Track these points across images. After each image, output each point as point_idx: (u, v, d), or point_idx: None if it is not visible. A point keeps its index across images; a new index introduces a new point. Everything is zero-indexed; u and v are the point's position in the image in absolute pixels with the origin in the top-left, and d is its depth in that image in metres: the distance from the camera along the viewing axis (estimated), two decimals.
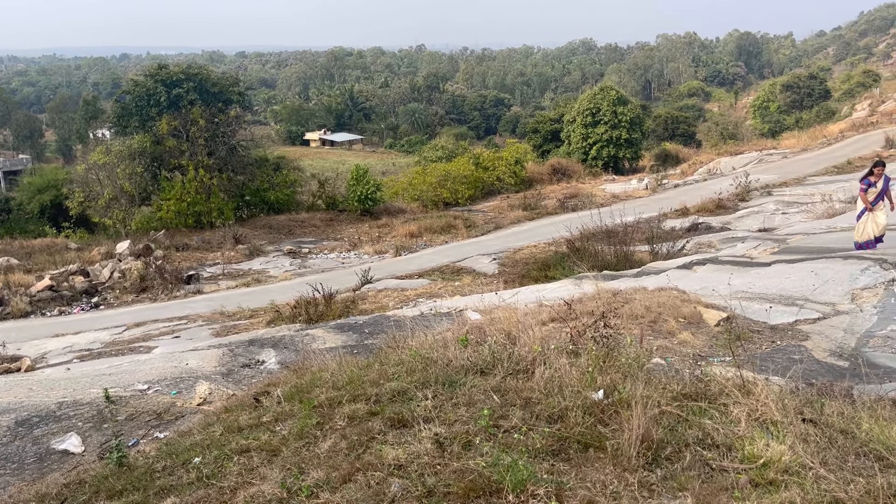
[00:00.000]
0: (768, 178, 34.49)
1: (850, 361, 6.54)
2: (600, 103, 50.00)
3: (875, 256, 11.70)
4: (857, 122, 52.58)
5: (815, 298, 9.35)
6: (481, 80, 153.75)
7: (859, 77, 79.85)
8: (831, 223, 18.10)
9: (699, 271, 13.34)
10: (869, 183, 12.66)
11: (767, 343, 7.28)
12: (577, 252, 19.23)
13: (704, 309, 8.24)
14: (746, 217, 26.50)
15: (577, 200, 37.18)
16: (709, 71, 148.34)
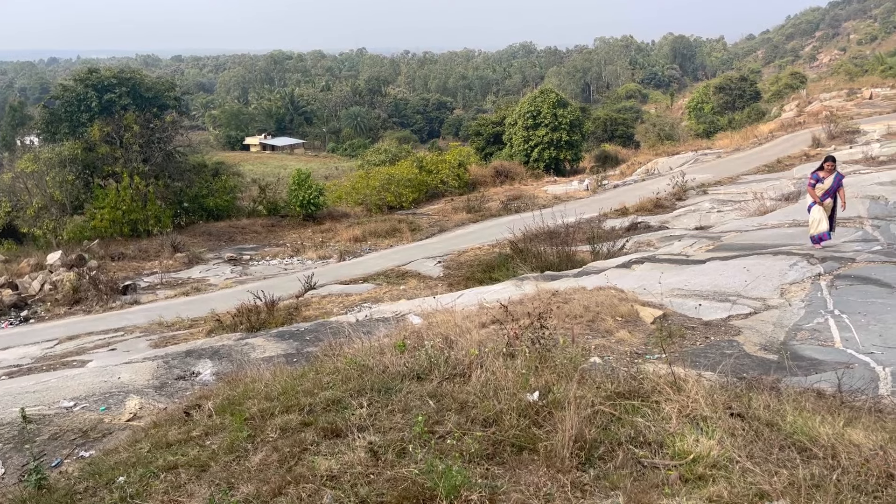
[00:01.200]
0: (704, 177, 35.40)
1: (779, 355, 6.73)
2: (541, 106, 50.57)
3: (802, 252, 12.11)
4: (786, 122, 54.48)
5: (747, 294, 9.61)
6: (423, 84, 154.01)
7: (787, 79, 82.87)
8: (763, 220, 18.67)
9: (637, 270, 13.57)
10: (817, 178, 12.33)
11: (702, 339, 7.44)
12: (520, 253, 19.38)
13: (641, 307, 8.37)
14: (683, 215, 27.08)
15: (520, 202, 37.51)
16: (645, 73, 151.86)
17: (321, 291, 21.36)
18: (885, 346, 6.88)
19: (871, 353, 6.63)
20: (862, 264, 10.67)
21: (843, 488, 3.14)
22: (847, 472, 3.28)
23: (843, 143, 37.95)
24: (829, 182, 12.15)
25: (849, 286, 9.47)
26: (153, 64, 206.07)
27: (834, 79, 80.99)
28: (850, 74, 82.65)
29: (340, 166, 77.61)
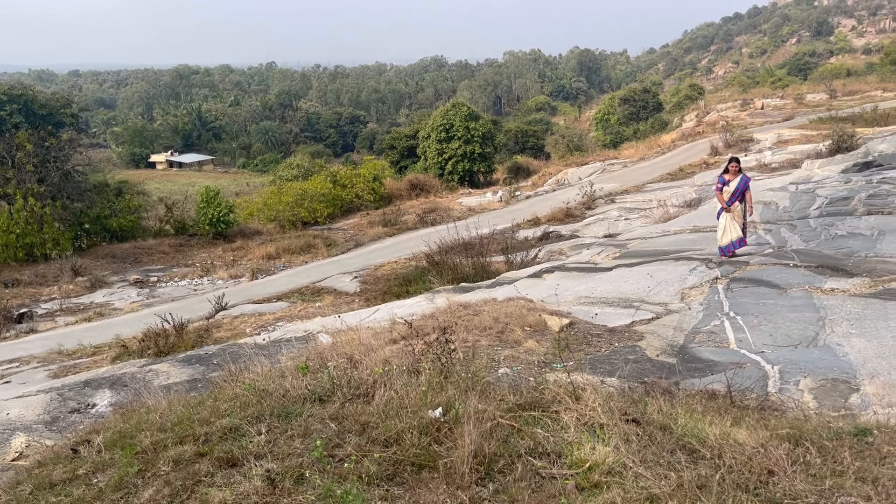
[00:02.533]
0: (611, 186, 36.54)
1: (678, 358, 6.98)
2: (453, 119, 51.12)
3: (701, 257, 12.62)
4: (686, 131, 57.00)
5: (650, 299, 9.94)
6: (336, 98, 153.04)
7: (686, 90, 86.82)
8: (666, 227, 19.38)
9: (548, 279, 13.83)
10: (723, 181, 11.95)
11: (606, 345, 7.63)
12: (436, 266, 19.44)
13: (549, 316, 8.53)
14: (593, 224, 27.83)
15: (436, 214, 37.71)
16: (554, 86, 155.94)
17: (233, 312, 20.80)
18: (774, 345, 7.24)
19: (762, 353, 6.96)
20: (755, 267, 11.19)
21: (726, 487, 3.27)
22: (731, 470, 3.42)
23: (739, 152, 39.95)
24: (735, 184, 11.80)
25: (743, 288, 9.93)
26: (48, 79, 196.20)
27: (729, 90, 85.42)
28: (743, 86, 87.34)
29: (252, 182, 75.99)
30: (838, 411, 5.18)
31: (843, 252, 11.78)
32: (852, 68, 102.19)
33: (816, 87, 72.93)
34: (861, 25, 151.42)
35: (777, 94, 71.86)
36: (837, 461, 3.47)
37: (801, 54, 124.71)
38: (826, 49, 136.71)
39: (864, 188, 17.90)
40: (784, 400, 5.43)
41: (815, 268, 10.67)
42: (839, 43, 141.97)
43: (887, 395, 5.45)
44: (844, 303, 8.53)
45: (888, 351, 6.53)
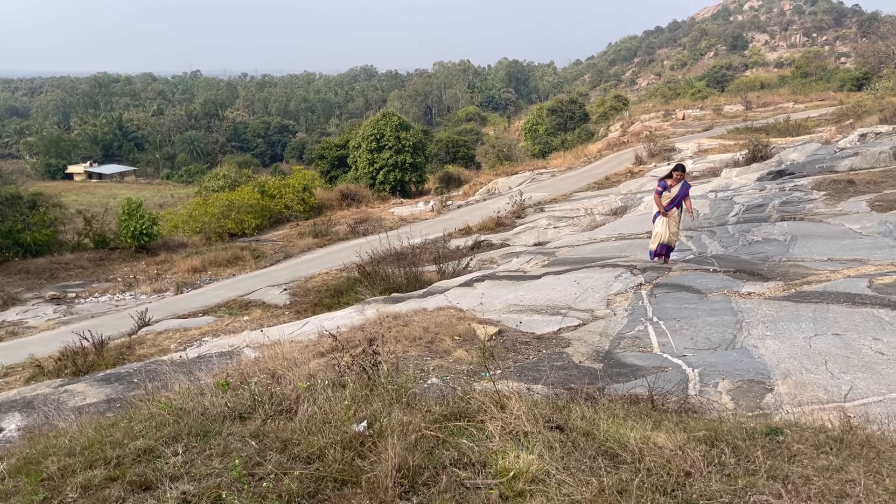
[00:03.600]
0: (540, 195, 37.13)
1: (604, 363, 7.10)
2: (384, 129, 51.04)
3: (626, 263, 12.91)
4: (612, 141, 58.54)
5: (577, 306, 10.10)
6: (264, 107, 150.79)
7: (611, 101, 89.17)
8: (593, 234, 19.78)
9: (479, 287, 13.88)
10: (665, 185, 11.96)
11: (534, 353, 7.70)
12: (368, 276, 19.29)
13: (478, 325, 8.56)
14: (523, 233, 28.18)
15: (368, 225, 37.52)
16: (483, 97, 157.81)
17: (157, 328, 20.15)
18: (695, 349, 7.46)
19: (684, 356, 7.16)
20: (677, 273, 11.51)
21: (645, 490, 3.33)
22: (651, 474, 3.48)
23: (662, 161, 41.30)
24: (676, 190, 11.82)
25: (666, 294, 10.19)
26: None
27: (652, 101, 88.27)
28: (665, 97, 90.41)
29: (176, 194, 73.96)
30: (753, 411, 5.37)
31: (759, 257, 12.25)
32: (766, 81, 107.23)
33: (733, 99, 76.16)
34: (773, 40, 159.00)
35: (697, 105, 74.70)
36: (751, 461, 3.58)
37: (719, 67, 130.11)
38: (741, 62, 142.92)
39: (777, 195, 18.73)
40: (704, 402, 5.59)
41: (734, 272, 11.05)
42: (753, 57, 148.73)
43: (798, 394, 5.68)
44: (760, 306, 8.86)
45: (799, 351, 6.81)
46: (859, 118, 38.28)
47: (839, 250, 11.90)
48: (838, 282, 9.66)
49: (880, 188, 17.09)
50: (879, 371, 6.07)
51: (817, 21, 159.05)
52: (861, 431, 3.98)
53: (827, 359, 6.51)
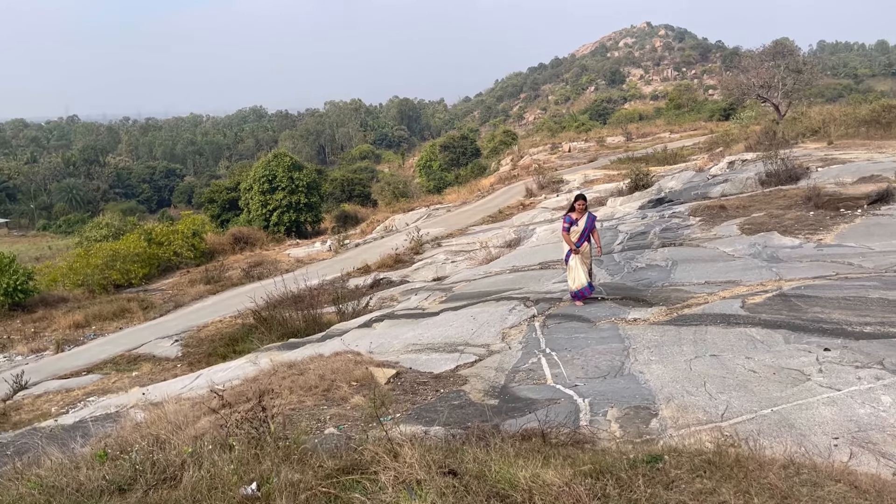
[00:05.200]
0: (437, 230, 37.54)
1: (500, 399, 7.20)
2: (276, 170, 50.36)
3: (520, 296, 13.21)
4: (503, 175, 60.14)
5: (474, 342, 10.22)
6: (148, 151, 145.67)
7: (501, 136, 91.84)
8: (488, 268, 20.11)
9: (378, 328, 13.83)
10: (570, 220, 11.22)
11: (432, 393, 7.72)
12: (264, 322, 18.81)
13: (376, 368, 8.51)
14: (422, 268, 28.30)
15: (263, 268, 36.68)
16: (377, 134, 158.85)
17: (35, 390, 18.83)
18: (586, 378, 7.69)
19: (576, 386, 7.36)
20: (568, 303, 11.84)
21: None
22: None
23: (551, 192, 42.75)
24: (583, 223, 11.16)
25: (557, 324, 10.47)
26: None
27: (539, 135, 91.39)
28: (551, 131, 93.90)
29: (54, 245, 69.79)
30: (640, 437, 5.59)
31: (643, 283, 12.78)
32: (643, 113, 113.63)
33: (615, 131, 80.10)
34: (648, 74, 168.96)
35: (582, 137, 78.00)
36: (633, 490, 3.72)
37: (600, 101, 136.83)
38: (620, 96, 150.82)
39: (658, 223, 19.71)
40: (594, 431, 5.77)
41: (620, 300, 11.49)
42: (631, 90, 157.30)
43: (681, 416, 5.96)
44: (645, 332, 9.25)
45: (681, 375, 7.16)
46: (728, 146, 41.00)
47: (715, 273, 12.60)
48: (715, 304, 10.21)
49: (749, 212, 18.30)
50: (752, 389, 6.46)
51: (686, 56, 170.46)
52: (732, 451, 4.22)
53: (706, 380, 6.87)
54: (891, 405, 5.69)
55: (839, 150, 27.63)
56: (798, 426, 5.50)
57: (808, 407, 5.84)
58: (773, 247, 14.15)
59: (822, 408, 5.79)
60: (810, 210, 17.16)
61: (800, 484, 3.61)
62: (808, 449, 4.97)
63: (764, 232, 15.57)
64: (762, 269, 12.27)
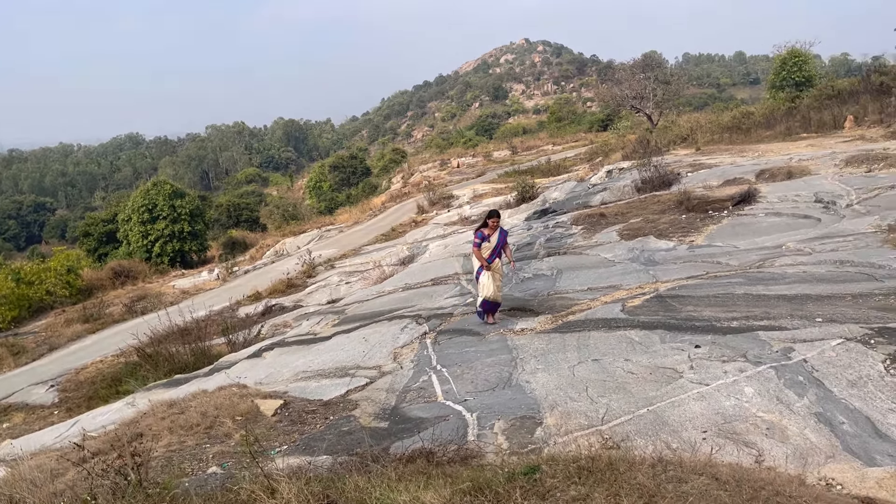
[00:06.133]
0: (330, 252, 37.08)
1: (390, 420, 7.13)
2: (156, 198, 48.28)
3: (412, 314, 13.19)
4: (395, 193, 60.30)
5: (365, 364, 10.10)
6: (13, 185, 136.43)
7: (390, 154, 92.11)
8: (381, 288, 20.02)
9: (268, 357, 13.44)
10: (482, 236, 10.97)
11: (321, 421, 7.54)
12: (149, 359, 17.94)
13: (262, 400, 8.24)
14: (315, 292, 27.80)
15: (147, 302, 34.95)
16: (263, 157, 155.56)
17: None
18: (476, 392, 7.74)
19: (465, 402, 7.39)
20: (459, 317, 11.95)
21: None
22: None
23: (443, 209, 43.20)
24: (496, 239, 10.95)
25: (448, 340, 10.52)
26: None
27: (428, 152, 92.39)
28: (440, 147, 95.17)
29: None
30: (525, 448, 5.66)
31: (531, 293, 13.06)
32: (527, 126, 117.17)
33: (501, 145, 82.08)
34: (529, 89, 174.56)
35: (469, 153, 79.40)
36: None
37: (485, 116, 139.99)
38: (504, 111, 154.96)
39: (542, 233, 20.27)
40: (481, 446, 5.80)
41: (509, 310, 11.68)
42: (514, 105, 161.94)
43: (564, 423, 6.09)
44: (532, 341, 9.42)
45: (565, 381, 7.34)
46: (606, 156, 42.87)
47: (597, 279, 13.04)
48: (597, 309, 10.56)
49: (626, 218, 19.13)
50: (630, 390, 6.70)
51: (564, 70, 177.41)
52: (605, 455, 4.35)
53: (588, 385, 7.07)
54: (753, 395, 6.06)
55: (706, 155, 29.45)
56: (671, 423, 5.75)
57: (680, 403, 6.12)
58: (650, 250, 14.80)
59: (693, 403, 6.08)
60: (682, 213, 18.11)
61: (666, 481, 3.76)
62: (679, 445, 5.20)
63: (641, 237, 16.28)
64: (640, 272, 12.80)
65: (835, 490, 4.33)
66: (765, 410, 5.75)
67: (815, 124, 32.13)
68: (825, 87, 36.89)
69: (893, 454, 4.89)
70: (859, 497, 4.03)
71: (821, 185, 17.68)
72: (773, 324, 8.05)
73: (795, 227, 14.69)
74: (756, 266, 11.66)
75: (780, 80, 40.16)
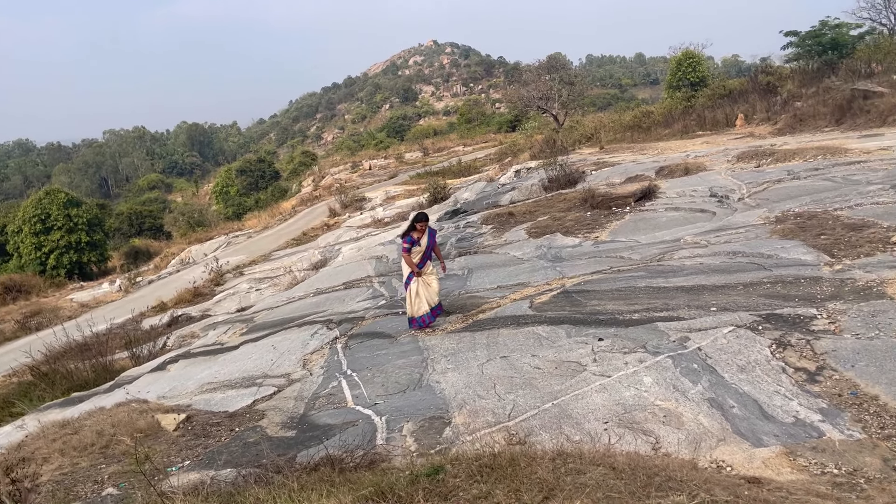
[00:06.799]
0: (238, 258, 36.17)
1: (298, 429, 6.98)
2: (49, 207, 45.79)
3: (323, 319, 13.00)
4: (305, 197, 59.43)
5: (274, 372, 9.86)
6: None
7: (300, 157, 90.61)
8: (291, 294, 19.66)
9: (172, 370, 12.96)
10: (412, 240, 10.28)
11: (226, 433, 7.31)
12: (45, 377, 16.98)
13: (164, 415, 7.90)
14: (224, 300, 27.05)
15: (42, 318, 33.09)
16: (166, 163, 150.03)
17: None
18: (386, 395, 7.68)
19: (375, 405, 7.32)
20: (370, 320, 11.85)
21: None
22: None
23: (355, 211, 42.88)
24: (426, 242, 10.31)
25: (360, 343, 10.41)
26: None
27: (339, 154, 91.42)
28: (351, 150, 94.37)
29: None
30: (434, 448, 5.66)
31: (442, 293, 13.05)
32: (438, 128, 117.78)
33: (412, 147, 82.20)
34: (439, 91, 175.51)
35: (381, 154, 79.15)
36: None
37: (395, 118, 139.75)
38: (415, 112, 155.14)
39: (454, 233, 20.40)
40: (390, 449, 5.76)
41: None
42: (424, 107, 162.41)
43: (472, 422, 6.13)
44: (443, 341, 9.44)
45: (474, 380, 7.38)
46: (515, 156, 43.63)
47: (506, 277, 13.22)
48: (507, 307, 10.69)
49: (534, 217, 19.50)
50: (536, 385, 6.81)
51: (472, 72, 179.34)
52: (508, 452, 4.40)
53: (496, 382, 7.14)
54: (651, 384, 6.27)
55: (609, 153, 30.42)
56: (574, 416, 5.88)
57: (584, 396, 6.26)
58: (557, 247, 15.13)
59: (595, 395, 6.24)
60: (587, 211, 18.62)
61: (565, 473, 3.83)
62: (582, 436, 5.32)
63: (548, 234, 16.62)
64: (547, 269, 13.05)
65: (725, 472, 4.54)
66: (662, 399, 5.97)
67: (709, 122, 33.76)
68: (718, 86, 38.78)
69: (778, 434, 5.18)
70: (746, 477, 4.23)
71: (715, 181, 18.55)
72: (672, 314, 8.37)
73: (692, 220, 15.33)
74: (656, 259, 12.10)
75: (677, 81, 41.91)
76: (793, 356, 6.52)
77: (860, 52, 33.03)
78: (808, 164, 18.59)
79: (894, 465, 4.53)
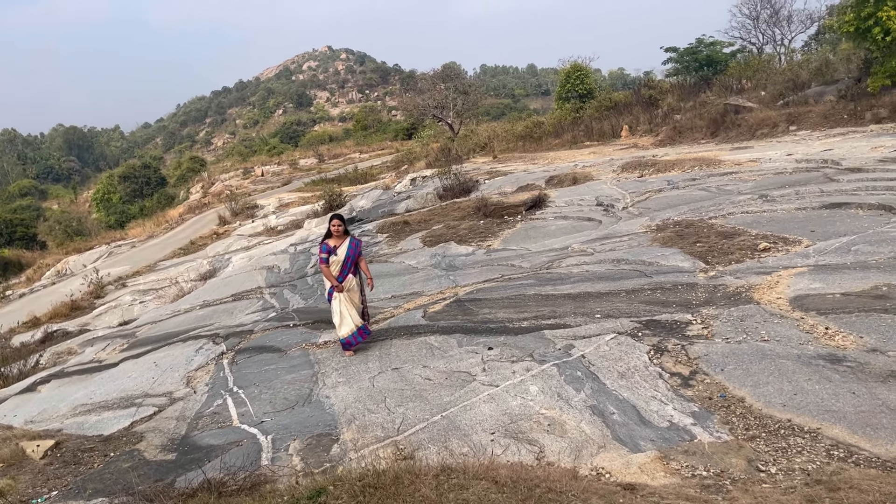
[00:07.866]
0: (121, 269, 34.38)
1: (178, 451, 6.66)
2: None
3: (209, 333, 12.52)
4: (194, 204, 57.29)
5: (155, 391, 9.38)
6: None
7: (188, 163, 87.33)
8: (176, 306, 18.85)
9: (43, 390, 12.10)
10: (328, 249, 8.95)
11: (100, 459, 6.87)
12: None
13: (28, 443, 7.35)
14: (105, 314, 25.61)
15: None
16: (40, 168, 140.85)
17: None
18: (274, 412, 7.46)
19: (262, 423, 7.08)
20: (259, 334, 11.50)
21: None
22: None
23: (246, 219, 41.66)
24: (344, 250, 8.97)
25: (248, 359, 10.08)
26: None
27: (230, 160, 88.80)
28: (243, 155, 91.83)
29: None
30: (321, 467, 5.54)
31: None
32: (333, 134, 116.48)
33: (307, 153, 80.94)
34: (334, 97, 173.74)
35: (274, 160, 77.50)
36: None
37: (289, 123, 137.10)
38: (309, 118, 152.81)
39: None
40: (275, 470, 5.58)
41: (312, 324, 11.44)
42: (319, 112, 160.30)
43: (360, 437, 6.04)
44: (335, 354, 9.26)
45: (365, 393, 7.29)
46: (412, 164, 43.80)
47: (401, 286, 13.19)
48: (400, 316, 10.65)
49: (429, 225, 19.61)
50: (426, 397, 6.80)
51: (367, 79, 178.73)
52: (392, 469, 4.36)
53: (386, 395, 7.08)
54: (537, 393, 6.40)
55: (502, 163, 31.05)
56: (462, 427, 5.91)
57: (472, 407, 6.31)
58: (451, 256, 15.25)
59: (483, 405, 6.30)
60: (480, 219, 18.89)
61: (448, 490, 3.83)
62: (469, 448, 5.35)
63: (443, 243, 16.74)
64: (441, 278, 13.12)
65: (604, 479, 4.68)
66: (547, 407, 6.10)
67: (596, 133, 35.13)
68: (604, 99, 40.44)
69: (654, 439, 5.40)
70: (622, 484, 4.38)
71: (601, 190, 19.28)
72: (559, 322, 8.59)
73: (580, 229, 15.85)
74: (546, 267, 12.41)
75: (566, 92, 43.33)
76: (669, 361, 6.83)
77: (732, 69, 35.35)
78: (686, 174, 19.64)
79: (758, 465, 4.81)
